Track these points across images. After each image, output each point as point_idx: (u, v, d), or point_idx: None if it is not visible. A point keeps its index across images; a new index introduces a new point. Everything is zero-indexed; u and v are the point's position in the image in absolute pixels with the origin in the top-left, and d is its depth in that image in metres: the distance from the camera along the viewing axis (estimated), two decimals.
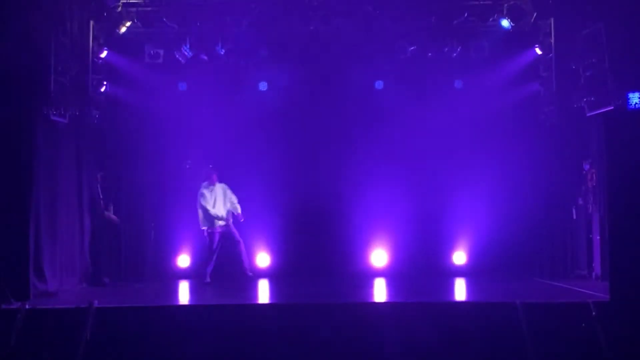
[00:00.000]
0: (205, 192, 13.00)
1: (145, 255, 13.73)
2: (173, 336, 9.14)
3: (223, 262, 13.19)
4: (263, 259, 14.12)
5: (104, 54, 12.84)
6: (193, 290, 12.33)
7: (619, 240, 9.17)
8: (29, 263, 10.21)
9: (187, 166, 13.90)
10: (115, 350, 9.06)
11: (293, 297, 11.01)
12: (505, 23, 12.88)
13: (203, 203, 12.93)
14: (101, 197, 12.92)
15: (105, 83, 12.94)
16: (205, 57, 13.52)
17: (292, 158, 14.34)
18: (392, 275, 13.68)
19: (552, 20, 12.72)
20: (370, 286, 12.44)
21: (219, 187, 13.10)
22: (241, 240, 13.11)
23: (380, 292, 12.03)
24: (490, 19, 12.97)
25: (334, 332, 9.16)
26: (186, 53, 13.37)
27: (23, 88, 10.34)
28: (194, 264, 13.89)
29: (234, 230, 13.12)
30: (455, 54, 13.50)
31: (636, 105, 10.40)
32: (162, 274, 13.55)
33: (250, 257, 13.59)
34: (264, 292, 12.21)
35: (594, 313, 9.03)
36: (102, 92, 12.85)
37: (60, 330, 8.95)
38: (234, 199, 13.18)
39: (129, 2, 12.75)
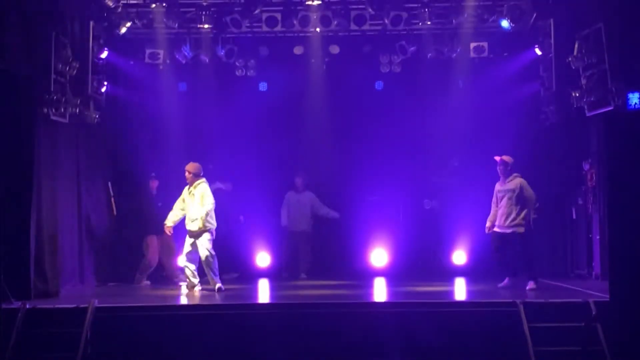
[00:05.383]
0: None
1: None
2: (173, 336, 9.15)
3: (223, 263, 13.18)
4: (263, 259, 14.11)
5: (104, 54, 12.83)
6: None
7: (618, 240, 9.14)
8: (29, 263, 10.20)
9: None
10: (115, 350, 9.06)
11: (293, 297, 11.00)
12: (505, 23, 12.87)
13: None
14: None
15: (105, 83, 12.93)
16: (205, 58, 13.53)
17: (292, 158, 14.36)
18: (392, 274, 13.68)
19: (551, 20, 12.71)
20: (370, 286, 12.44)
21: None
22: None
23: (380, 291, 12.02)
24: (490, 19, 12.97)
25: (334, 332, 9.16)
26: (186, 53, 13.37)
27: (23, 88, 10.33)
28: None
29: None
30: (455, 54, 13.50)
31: (636, 105, 10.40)
32: (162, 274, 13.54)
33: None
34: (264, 292, 12.20)
35: (594, 313, 9.03)
36: (102, 92, 12.83)
37: (60, 330, 8.94)
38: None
39: (129, 2, 12.74)
